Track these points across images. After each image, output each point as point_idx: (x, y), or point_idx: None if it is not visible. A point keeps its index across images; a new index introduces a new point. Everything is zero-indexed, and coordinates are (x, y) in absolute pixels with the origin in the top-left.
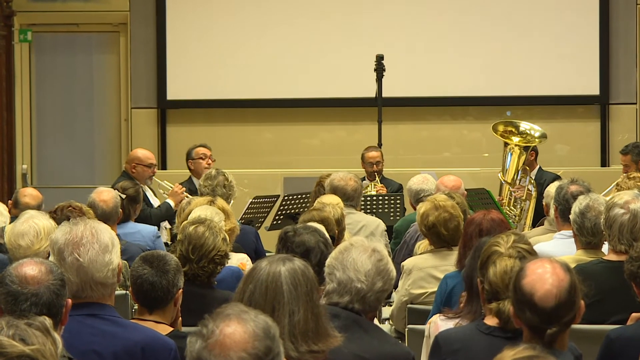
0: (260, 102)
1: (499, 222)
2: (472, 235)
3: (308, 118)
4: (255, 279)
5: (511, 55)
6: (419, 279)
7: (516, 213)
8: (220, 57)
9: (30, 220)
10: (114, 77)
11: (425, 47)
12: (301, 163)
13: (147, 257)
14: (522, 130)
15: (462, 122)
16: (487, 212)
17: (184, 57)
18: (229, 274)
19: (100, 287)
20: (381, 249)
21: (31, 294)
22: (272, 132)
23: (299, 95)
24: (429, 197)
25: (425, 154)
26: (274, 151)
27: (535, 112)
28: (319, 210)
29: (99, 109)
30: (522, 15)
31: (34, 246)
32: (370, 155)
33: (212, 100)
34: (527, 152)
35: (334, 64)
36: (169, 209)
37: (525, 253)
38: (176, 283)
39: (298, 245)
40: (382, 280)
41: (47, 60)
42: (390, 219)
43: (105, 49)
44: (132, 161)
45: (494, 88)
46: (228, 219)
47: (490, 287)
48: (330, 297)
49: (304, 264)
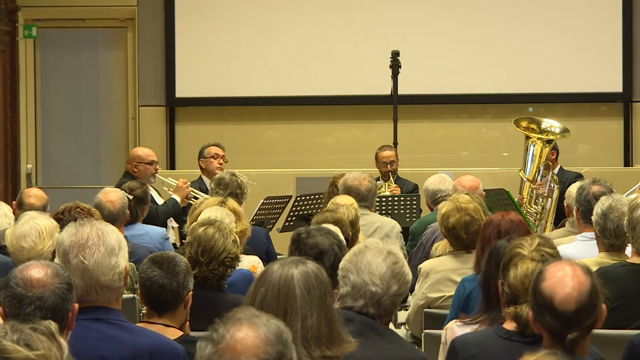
0: (272, 100)
1: (518, 224)
2: (490, 237)
3: (321, 116)
4: (267, 282)
5: (532, 51)
6: (436, 282)
7: (537, 210)
8: (231, 53)
9: (31, 221)
10: (121, 74)
11: (442, 43)
12: (314, 163)
13: (156, 258)
14: (543, 127)
15: (481, 121)
16: (505, 213)
17: (193, 53)
18: (240, 277)
19: (106, 291)
20: (397, 251)
21: (36, 298)
22: (284, 131)
23: (312, 93)
24: (452, 197)
25: (442, 153)
26: (286, 150)
27: (556, 110)
28: (333, 212)
29: (106, 107)
30: (543, 10)
31: (37, 247)
32: (385, 155)
33: (223, 97)
34: (550, 147)
35: (348, 61)
36: (175, 205)
37: (549, 257)
38: (186, 285)
39: (311, 247)
40: (398, 283)
41: (52, 56)
42: (406, 220)
43: (112, 45)
44: (133, 160)
45: (513, 85)
46: (239, 221)
47: (510, 290)
48: (344, 301)
49: (317, 266)
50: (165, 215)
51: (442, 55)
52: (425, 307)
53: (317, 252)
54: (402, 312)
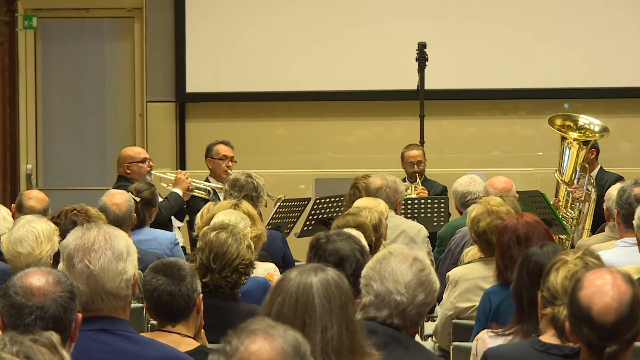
0: (289, 95)
1: (535, 225)
2: (509, 244)
3: (342, 113)
4: (284, 290)
5: (569, 42)
6: (466, 290)
7: (574, 216)
8: (246, 45)
9: (27, 225)
10: (128, 67)
11: (472, 34)
12: (334, 162)
13: (158, 267)
14: (581, 125)
15: (514, 117)
16: (520, 215)
17: (205, 45)
18: (255, 285)
19: (111, 299)
20: (423, 258)
21: (36, 307)
22: (303, 129)
23: (332, 88)
24: (482, 200)
25: (473, 152)
26: (304, 149)
27: (595, 106)
28: (355, 215)
29: (111, 103)
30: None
31: (35, 252)
32: (411, 154)
33: (236, 93)
34: (587, 148)
35: (371, 53)
36: (178, 198)
37: (594, 266)
38: (195, 288)
39: (331, 253)
40: (425, 292)
41: (54, 49)
42: (434, 224)
43: (118, 37)
44: (124, 162)
45: (549, 79)
46: (254, 225)
47: (549, 293)
48: (367, 311)
49: (337, 274)
50: (169, 211)
51: (472, 47)
52: (453, 318)
53: (337, 259)
54: (429, 323)
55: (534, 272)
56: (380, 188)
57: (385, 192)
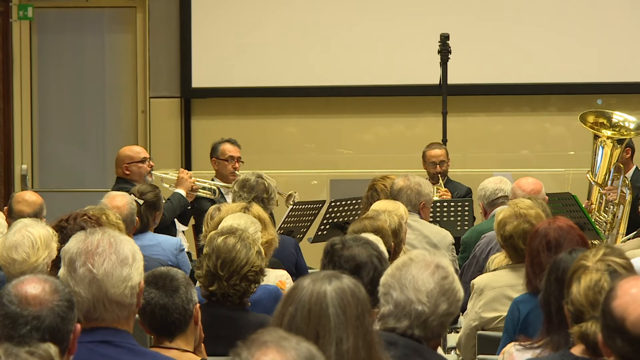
0: (302, 90)
1: (568, 230)
2: (539, 250)
3: (359, 109)
4: (296, 300)
5: (602, 34)
6: (492, 300)
7: (607, 220)
8: (256, 37)
9: (23, 230)
10: (130, 61)
11: (498, 24)
12: (351, 162)
13: (149, 278)
14: (615, 122)
15: (544, 114)
16: (552, 219)
17: (212, 37)
18: (266, 293)
19: (115, 307)
20: (446, 265)
21: (32, 317)
22: (316, 126)
23: (348, 82)
24: (511, 202)
25: (499, 151)
26: (318, 148)
27: (631, 102)
28: (372, 219)
29: (112, 99)
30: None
31: (31, 259)
32: (433, 154)
33: (245, 88)
34: (622, 147)
35: (390, 45)
36: (181, 199)
37: (618, 267)
38: (191, 298)
39: (347, 260)
40: (447, 301)
41: (51, 41)
42: (457, 229)
43: (120, 28)
44: (122, 162)
45: (581, 73)
46: (265, 229)
47: (574, 307)
48: (386, 321)
49: (353, 282)
50: (172, 213)
51: (499, 38)
52: (479, 329)
53: (353, 266)
54: (452, 334)
55: (562, 280)
56: (401, 190)
57: (406, 194)
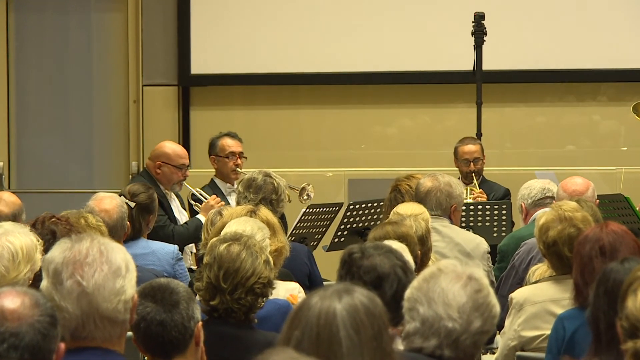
0: (315, 78)
1: (623, 235)
2: (590, 257)
3: (381, 99)
4: (302, 322)
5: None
6: (533, 316)
7: None
8: (263, 18)
9: (3, 238)
10: (120, 43)
11: (541, 3)
12: (372, 160)
13: (146, 290)
14: None
15: (592, 105)
16: (604, 224)
17: (213, 18)
18: (275, 309)
19: (107, 324)
20: (480, 276)
21: (9, 334)
22: (332, 118)
23: (368, 69)
24: (554, 205)
25: (541, 147)
26: (334, 144)
27: None
28: (396, 224)
29: (100, 88)
30: None
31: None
32: (467, 150)
33: (251, 74)
34: None
35: (416, 27)
36: (199, 229)
37: None
38: (192, 315)
39: (367, 271)
40: (481, 317)
41: (30, 21)
42: (494, 235)
43: (109, 6)
44: (158, 158)
45: (635, 58)
46: (274, 236)
47: (629, 323)
48: (412, 340)
49: (367, 295)
50: (184, 240)
51: (541, 19)
52: (518, 349)
53: (374, 277)
54: (487, 355)
55: (613, 293)
56: (429, 191)
57: (435, 197)
